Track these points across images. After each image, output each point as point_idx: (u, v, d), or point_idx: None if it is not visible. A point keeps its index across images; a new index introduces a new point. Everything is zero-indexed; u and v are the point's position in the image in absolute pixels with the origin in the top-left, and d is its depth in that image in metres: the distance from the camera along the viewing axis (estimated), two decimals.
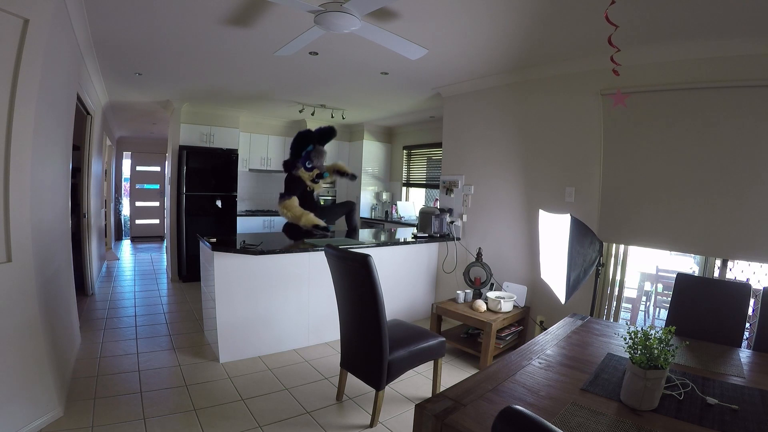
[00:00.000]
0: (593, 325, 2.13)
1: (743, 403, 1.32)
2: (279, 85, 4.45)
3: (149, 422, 2.20)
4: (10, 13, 1.73)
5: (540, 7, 2.35)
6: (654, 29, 2.51)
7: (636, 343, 1.29)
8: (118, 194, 8.97)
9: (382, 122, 6.69)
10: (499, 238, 3.81)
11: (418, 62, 3.16)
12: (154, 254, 7.53)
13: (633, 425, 1.17)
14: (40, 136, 2.06)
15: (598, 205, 3.12)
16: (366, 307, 2.18)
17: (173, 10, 2.56)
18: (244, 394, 2.57)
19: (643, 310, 4.55)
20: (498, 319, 3.09)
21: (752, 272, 2.94)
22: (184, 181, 5.39)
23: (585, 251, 2.56)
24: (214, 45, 3.18)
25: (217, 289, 2.95)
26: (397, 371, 2.26)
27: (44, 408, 2.06)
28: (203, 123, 5.67)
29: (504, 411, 0.78)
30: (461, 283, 3.81)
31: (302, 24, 2.50)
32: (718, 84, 2.56)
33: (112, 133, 7.45)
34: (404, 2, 2.34)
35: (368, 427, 2.28)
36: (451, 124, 4.34)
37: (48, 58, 2.00)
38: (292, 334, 3.32)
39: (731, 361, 1.73)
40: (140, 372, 2.80)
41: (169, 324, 3.82)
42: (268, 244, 3.13)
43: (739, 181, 2.52)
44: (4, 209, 1.80)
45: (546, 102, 3.46)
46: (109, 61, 3.67)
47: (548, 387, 1.40)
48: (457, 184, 4.20)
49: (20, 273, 1.88)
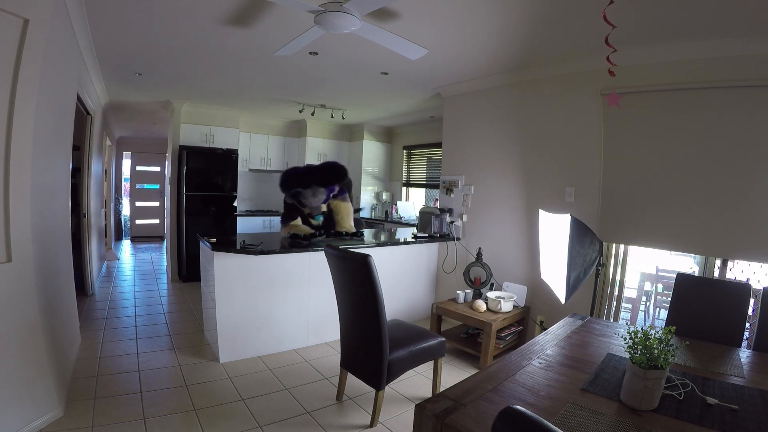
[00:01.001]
0: (593, 325, 2.13)
1: (743, 403, 1.32)
2: (279, 85, 4.45)
3: (149, 422, 2.20)
4: (10, 13, 1.73)
5: (540, 7, 2.35)
6: (654, 29, 2.51)
7: (636, 343, 1.29)
8: (118, 194, 8.97)
9: (382, 122, 6.70)
10: (499, 238, 3.81)
11: (418, 62, 3.16)
12: (154, 254, 7.53)
13: (633, 425, 1.17)
14: (40, 136, 2.06)
15: (598, 205, 3.12)
16: (366, 307, 2.18)
17: (173, 10, 2.57)
18: (244, 394, 2.57)
19: (643, 310, 4.55)
20: (498, 319, 3.09)
21: (752, 272, 2.94)
22: (184, 181, 5.38)
23: (585, 251, 2.56)
24: (214, 45, 3.18)
25: (217, 289, 2.95)
26: (397, 371, 2.26)
27: (44, 408, 2.06)
28: (203, 123, 5.67)
29: (504, 411, 0.78)
30: (461, 283, 3.81)
31: (302, 24, 2.51)
32: (718, 84, 2.56)
33: (112, 133, 7.45)
34: (404, 2, 2.34)
35: (368, 427, 2.28)
36: (451, 124, 4.34)
37: (48, 58, 2.00)
38: (292, 334, 3.32)
39: (731, 361, 1.73)
40: (140, 372, 2.80)
41: (169, 324, 3.82)
42: (268, 244, 3.13)
43: (739, 181, 2.52)
44: (4, 209, 1.80)
45: (546, 102, 3.46)
46: (109, 61, 3.67)
47: (548, 387, 1.40)
48: (457, 184, 4.20)
49: (20, 273, 1.88)
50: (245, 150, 6.37)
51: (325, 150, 6.89)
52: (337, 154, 7.07)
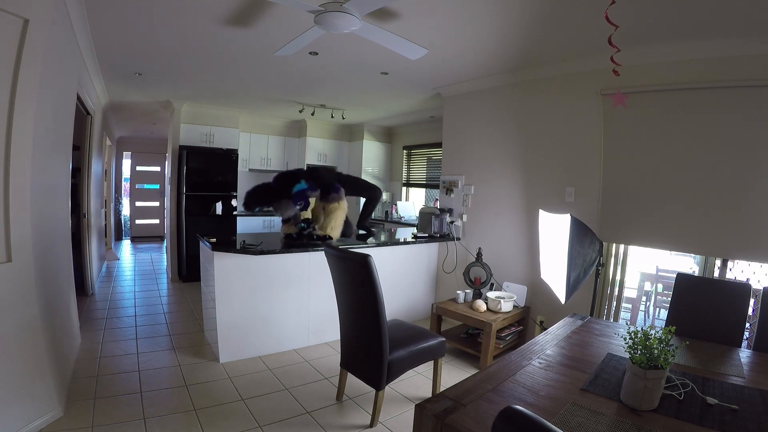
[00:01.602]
0: (593, 325, 2.13)
1: (743, 403, 1.32)
2: (279, 85, 4.45)
3: (149, 422, 2.20)
4: (10, 13, 1.73)
5: (540, 7, 2.35)
6: (654, 29, 2.51)
7: (636, 343, 1.29)
8: (118, 194, 8.97)
9: (382, 122, 6.70)
10: (499, 238, 3.81)
11: (418, 62, 3.16)
12: (154, 254, 7.53)
13: (633, 425, 1.17)
14: (40, 136, 2.06)
15: (598, 205, 3.12)
16: (366, 307, 2.18)
17: (173, 9, 2.57)
18: (244, 394, 2.57)
19: (643, 310, 4.55)
20: (498, 319, 3.09)
21: (752, 272, 2.94)
22: (184, 181, 5.38)
23: (585, 251, 2.56)
24: (214, 45, 3.18)
25: (217, 289, 2.95)
26: (397, 371, 2.25)
27: (44, 408, 2.06)
28: (203, 123, 5.67)
29: (504, 411, 0.78)
30: (461, 283, 3.81)
31: (302, 24, 2.51)
32: (719, 84, 2.56)
33: (112, 133, 7.45)
34: (404, 2, 2.34)
35: (368, 427, 2.28)
36: (451, 124, 4.34)
37: (48, 58, 2.00)
38: (292, 334, 3.32)
39: (731, 361, 1.73)
40: (140, 372, 2.80)
41: (169, 324, 3.82)
42: (268, 244, 3.13)
43: (739, 181, 2.52)
44: (4, 209, 1.80)
45: (546, 102, 3.46)
46: (109, 61, 3.67)
47: (548, 387, 1.40)
48: (457, 184, 4.20)
49: (20, 273, 1.88)
50: (245, 150, 6.37)
51: (325, 150, 6.90)
52: (337, 154, 7.07)
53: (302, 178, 3.39)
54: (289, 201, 3.32)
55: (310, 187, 3.37)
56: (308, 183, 3.36)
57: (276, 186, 3.39)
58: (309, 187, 3.36)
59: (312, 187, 3.40)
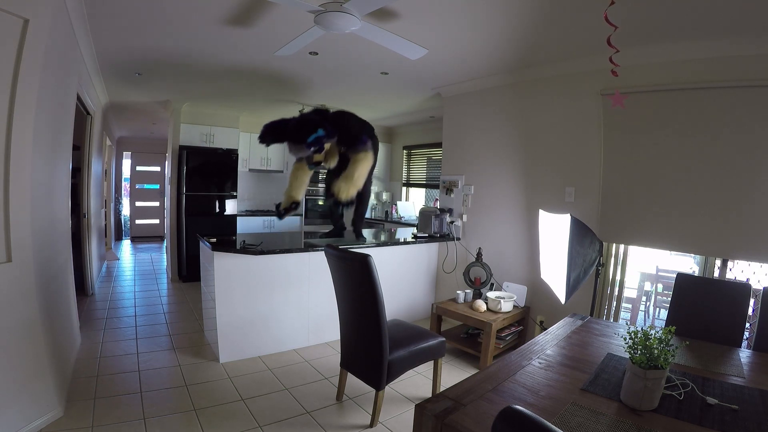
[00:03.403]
0: (593, 325, 2.13)
1: (743, 403, 1.32)
2: (279, 85, 4.45)
3: (149, 422, 2.20)
4: (10, 13, 1.73)
5: (540, 8, 2.35)
6: (653, 29, 2.51)
7: (636, 343, 1.29)
8: (118, 194, 8.97)
9: (382, 122, 6.69)
10: (499, 238, 3.81)
11: (418, 62, 3.16)
12: (154, 254, 7.53)
13: (633, 425, 1.17)
14: (40, 136, 2.06)
15: (598, 205, 3.12)
16: (366, 307, 2.18)
17: (173, 9, 2.56)
18: (244, 394, 2.57)
19: (643, 310, 4.55)
20: (498, 319, 3.09)
21: (752, 272, 2.94)
22: (184, 181, 5.39)
23: (585, 251, 2.56)
24: (214, 45, 3.18)
25: (217, 289, 2.95)
26: (397, 371, 2.25)
27: (44, 408, 2.06)
28: (203, 123, 5.67)
29: (504, 411, 0.78)
30: (461, 283, 3.80)
31: (302, 24, 2.50)
32: (719, 84, 2.56)
33: (112, 133, 7.45)
34: (404, 2, 2.34)
35: (368, 427, 2.28)
36: (451, 124, 4.34)
37: (48, 58, 1.99)
38: (292, 334, 3.32)
39: (731, 361, 1.73)
40: (140, 372, 2.80)
41: (169, 324, 3.82)
42: (268, 244, 3.13)
43: (739, 181, 2.51)
44: (4, 209, 1.79)
45: (546, 102, 3.46)
46: (109, 61, 3.67)
47: (548, 387, 1.40)
48: (457, 184, 4.20)
49: (20, 273, 1.88)
50: (245, 150, 6.36)
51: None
52: None
53: (321, 126, 3.31)
54: (302, 146, 3.29)
55: (328, 133, 3.31)
56: (327, 129, 3.31)
57: (293, 130, 3.34)
58: (327, 134, 3.31)
59: (330, 133, 3.34)
